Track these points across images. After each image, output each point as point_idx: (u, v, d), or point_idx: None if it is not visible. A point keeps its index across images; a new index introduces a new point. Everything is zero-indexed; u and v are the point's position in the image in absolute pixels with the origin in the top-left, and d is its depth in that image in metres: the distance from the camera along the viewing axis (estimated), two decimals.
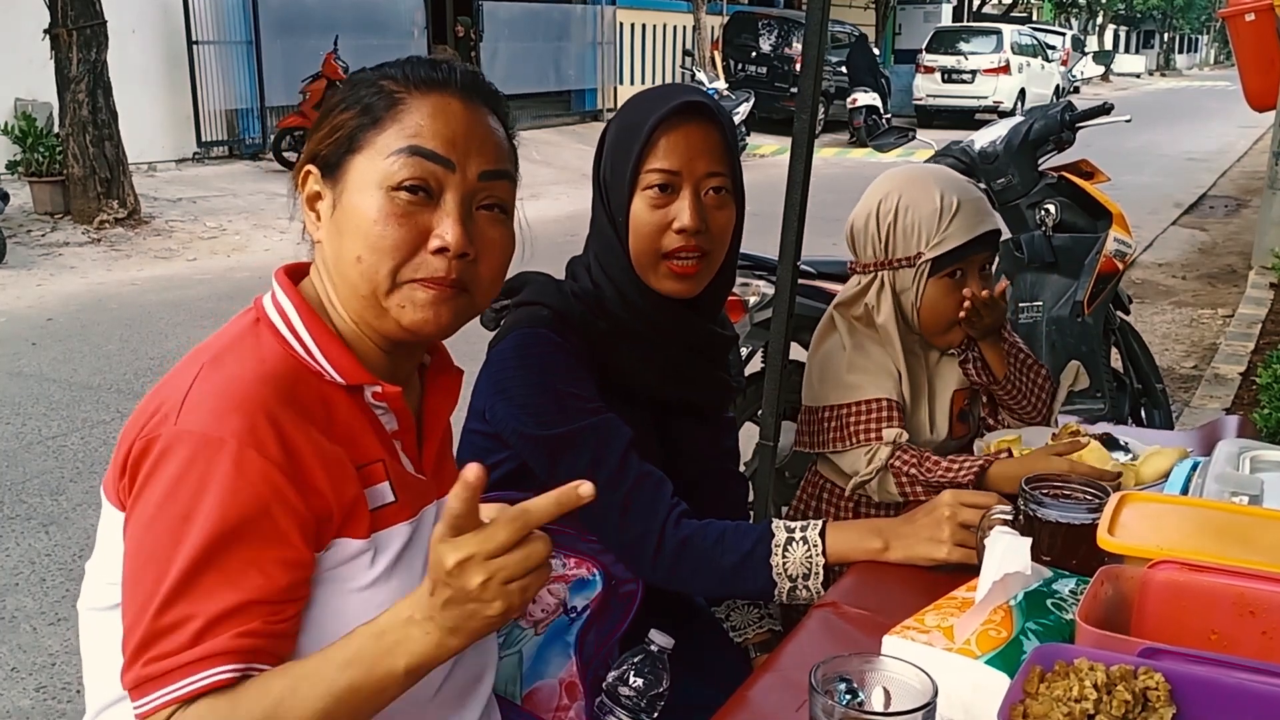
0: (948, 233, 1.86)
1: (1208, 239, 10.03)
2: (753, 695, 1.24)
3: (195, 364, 1.11)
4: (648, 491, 1.53)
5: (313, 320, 1.16)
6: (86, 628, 1.17)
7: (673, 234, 1.57)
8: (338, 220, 1.15)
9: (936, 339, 1.95)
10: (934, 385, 1.97)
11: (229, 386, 1.07)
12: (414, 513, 1.19)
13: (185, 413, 1.05)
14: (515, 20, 16.02)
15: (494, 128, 1.22)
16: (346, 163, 1.15)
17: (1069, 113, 3.99)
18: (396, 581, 1.14)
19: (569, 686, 1.45)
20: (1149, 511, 1.34)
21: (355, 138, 1.15)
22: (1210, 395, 5.15)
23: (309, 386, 1.12)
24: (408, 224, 1.13)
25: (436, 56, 1.21)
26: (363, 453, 1.14)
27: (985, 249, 1.92)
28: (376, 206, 1.12)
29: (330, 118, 1.18)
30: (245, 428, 1.04)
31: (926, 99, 21.73)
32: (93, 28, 8.46)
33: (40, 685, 2.95)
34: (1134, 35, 56.20)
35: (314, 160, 1.18)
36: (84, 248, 8.30)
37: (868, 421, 1.88)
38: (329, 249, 1.17)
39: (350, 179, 1.15)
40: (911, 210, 1.89)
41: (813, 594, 1.50)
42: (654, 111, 1.57)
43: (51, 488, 4.16)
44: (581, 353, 1.58)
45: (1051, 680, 0.97)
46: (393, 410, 1.19)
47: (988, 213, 1.93)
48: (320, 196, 1.18)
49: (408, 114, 1.15)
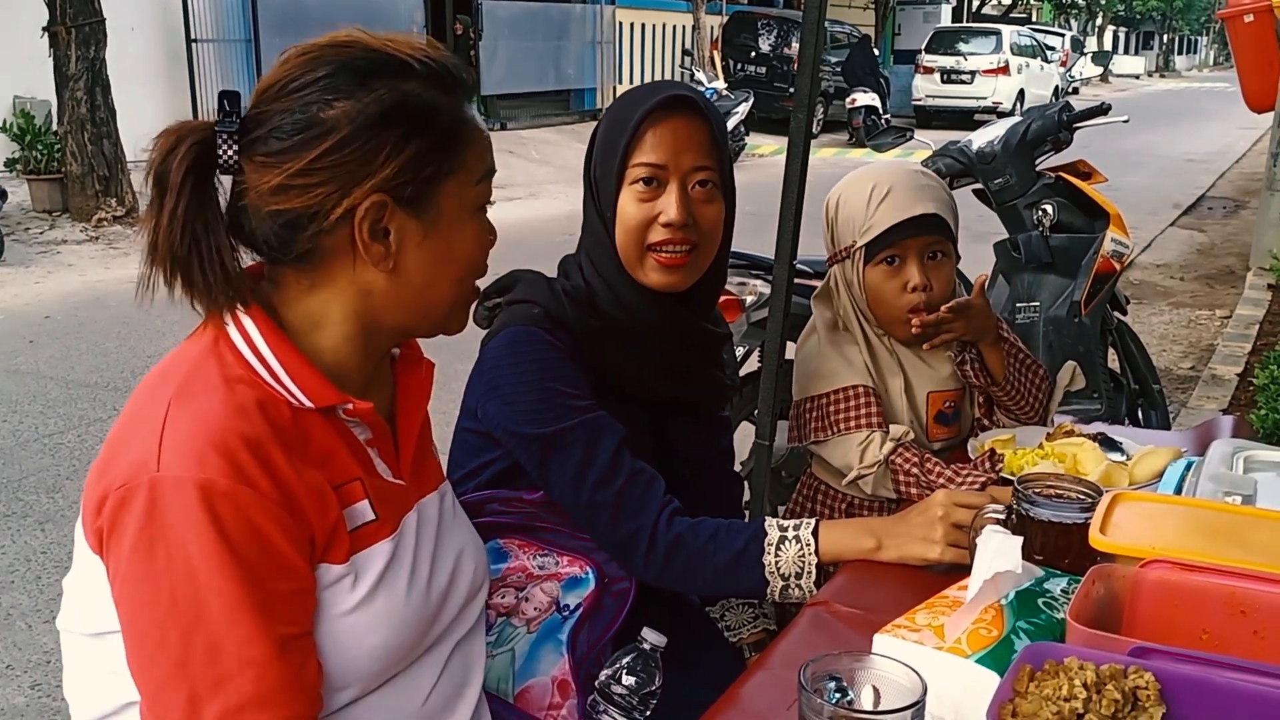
0: (875, 218, 1.88)
1: (1206, 240, 10.03)
2: (744, 693, 1.24)
3: (161, 399, 1.06)
4: (640, 489, 1.53)
5: (278, 340, 1.11)
6: (69, 648, 1.14)
7: (659, 228, 1.57)
8: (433, 249, 1.16)
9: (894, 331, 1.93)
10: (911, 379, 1.95)
11: (204, 423, 1.03)
12: (395, 527, 1.17)
13: (165, 456, 1.01)
14: (514, 19, 16.02)
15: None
16: (436, 191, 1.15)
17: (1067, 113, 3.99)
18: (380, 603, 1.12)
19: (561, 685, 1.45)
20: (1141, 511, 1.34)
21: (443, 166, 1.14)
22: (1207, 396, 5.15)
23: (279, 410, 1.08)
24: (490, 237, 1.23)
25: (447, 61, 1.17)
26: (339, 472, 1.12)
27: (921, 232, 1.87)
28: (478, 228, 1.20)
29: (403, 152, 1.11)
30: (231, 466, 1.01)
31: (925, 99, 21.73)
32: (91, 25, 8.45)
33: (35, 683, 2.95)
34: (1133, 36, 56.21)
35: (383, 193, 1.11)
36: (82, 245, 8.29)
37: (846, 409, 1.88)
38: (414, 277, 1.15)
39: (444, 208, 1.15)
40: (848, 201, 1.93)
41: (805, 593, 1.50)
42: (640, 106, 1.57)
43: (48, 485, 4.16)
44: (573, 351, 1.58)
45: (1041, 679, 0.97)
46: (365, 422, 1.17)
47: (925, 197, 1.88)
48: (386, 229, 1.12)
49: (475, 131, 1.17)
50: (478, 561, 1.32)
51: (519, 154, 13.93)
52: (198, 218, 1.08)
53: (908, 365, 1.95)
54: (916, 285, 1.87)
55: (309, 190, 1.08)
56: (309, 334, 1.15)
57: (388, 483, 1.18)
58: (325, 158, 1.07)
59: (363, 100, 1.08)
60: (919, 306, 1.87)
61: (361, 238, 1.11)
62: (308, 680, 1.04)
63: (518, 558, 1.56)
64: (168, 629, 1.00)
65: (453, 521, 1.31)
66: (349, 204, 1.09)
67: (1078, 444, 1.76)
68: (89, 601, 1.08)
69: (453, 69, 1.16)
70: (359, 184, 1.09)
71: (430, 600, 1.19)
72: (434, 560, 1.22)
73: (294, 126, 1.08)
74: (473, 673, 1.29)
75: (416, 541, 1.20)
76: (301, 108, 1.08)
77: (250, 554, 1.01)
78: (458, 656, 1.27)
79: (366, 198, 1.09)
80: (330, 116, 1.08)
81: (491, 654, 1.46)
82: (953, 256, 1.92)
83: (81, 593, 1.10)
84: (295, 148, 1.08)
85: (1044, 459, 1.74)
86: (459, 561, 1.27)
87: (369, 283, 1.14)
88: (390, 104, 1.09)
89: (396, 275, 1.14)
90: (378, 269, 1.13)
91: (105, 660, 1.08)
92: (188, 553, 0.99)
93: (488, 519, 1.57)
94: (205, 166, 1.09)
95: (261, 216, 1.10)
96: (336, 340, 1.16)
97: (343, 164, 1.08)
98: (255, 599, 1.00)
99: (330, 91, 1.08)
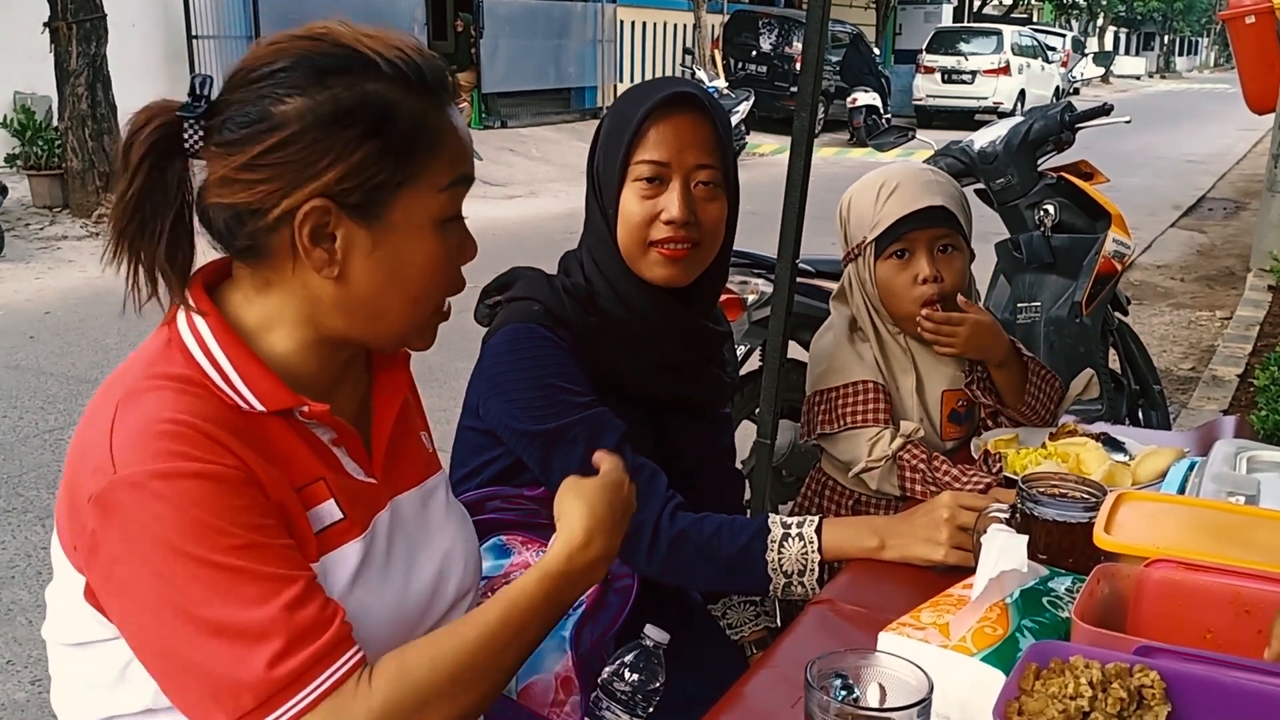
0: (882, 213, 1.90)
1: (1206, 241, 10.04)
2: (748, 691, 1.24)
3: (110, 402, 1.03)
4: (642, 484, 1.53)
5: (231, 343, 1.08)
6: (53, 658, 1.12)
7: (661, 225, 1.57)
8: (383, 261, 1.09)
9: (907, 326, 1.93)
10: (924, 378, 1.96)
11: (152, 416, 1.00)
12: (365, 527, 1.13)
13: (119, 456, 0.98)
14: (515, 17, 16.01)
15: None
16: (388, 200, 1.08)
17: (1069, 113, 3.99)
18: (352, 604, 1.07)
19: (564, 681, 1.45)
20: (1145, 510, 1.34)
21: (396, 174, 1.07)
22: (1208, 397, 5.16)
23: (230, 415, 1.04)
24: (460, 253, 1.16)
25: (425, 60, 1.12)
26: (301, 473, 1.08)
27: (929, 225, 1.88)
28: (437, 244, 1.12)
29: (351, 156, 1.05)
30: (185, 449, 0.98)
31: (926, 99, 21.75)
32: (92, 21, 8.45)
33: (35, 678, 2.95)
34: (1134, 37, 56.22)
35: (326, 197, 1.05)
36: (82, 241, 8.29)
37: (854, 404, 1.89)
38: (362, 289, 1.09)
39: (397, 219, 1.08)
40: (858, 200, 1.96)
41: (808, 590, 1.50)
42: (644, 103, 1.57)
43: (48, 481, 4.15)
44: (574, 347, 1.58)
45: (1047, 678, 0.97)
46: (327, 423, 1.12)
47: (932, 191, 1.89)
48: (332, 234, 1.07)
49: (445, 137, 1.11)
50: (467, 561, 1.27)
51: (519, 152, 13.93)
52: (148, 199, 1.06)
53: (921, 364, 1.96)
54: (926, 276, 1.87)
55: (251, 186, 1.04)
56: (263, 334, 1.11)
57: (357, 481, 1.14)
58: (269, 154, 1.03)
59: (316, 98, 1.04)
60: (931, 298, 1.88)
61: (302, 241, 1.05)
62: (334, 608, 1.02)
63: (520, 554, 1.56)
64: (178, 622, 0.97)
65: (443, 519, 1.27)
66: (288, 205, 1.04)
67: (1081, 444, 1.77)
68: (70, 614, 1.06)
69: (427, 70, 1.09)
70: (301, 185, 1.04)
71: (409, 601, 1.16)
72: (412, 560, 1.19)
73: (245, 118, 1.04)
74: None
75: (390, 540, 1.16)
76: (256, 99, 1.05)
77: (236, 519, 0.98)
78: None
79: (308, 200, 1.04)
80: (280, 112, 1.04)
81: None
82: (964, 251, 1.93)
83: (62, 605, 1.08)
84: (243, 140, 1.04)
85: (1047, 458, 1.74)
86: (447, 560, 1.23)
87: (316, 288, 1.09)
88: (346, 104, 1.04)
89: (344, 284, 1.08)
90: (322, 276, 1.08)
91: (85, 672, 1.07)
92: (173, 544, 0.96)
93: (489, 515, 1.57)
94: (168, 149, 1.06)
95: (211, 206, 1.08)
96: (291, 344, 1.11)
97: (286, 163, 1.03)
98: (254, 560, 0.98)
99: (285, 86, 1.04)
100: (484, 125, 15.04)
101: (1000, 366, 1.94)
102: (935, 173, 1.96)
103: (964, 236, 1.92)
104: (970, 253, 1.95)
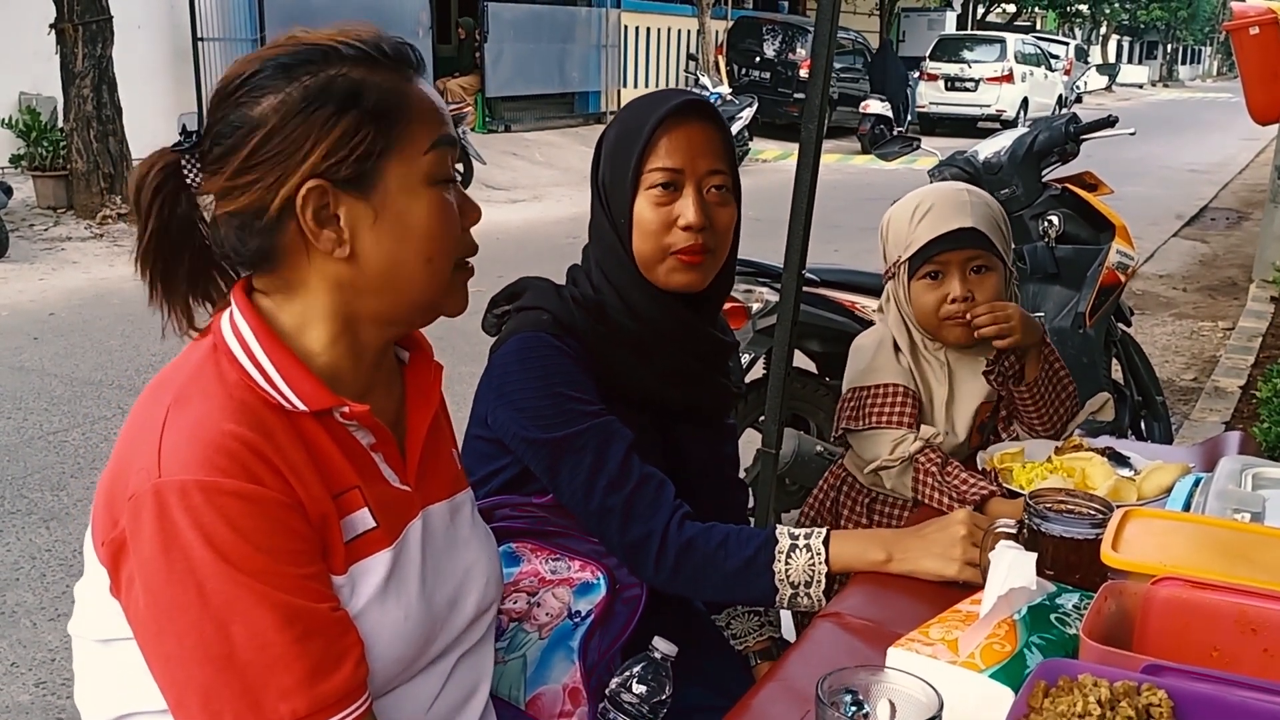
0: (916, 233, 1.94)
1: (1209, 251, 10.04)
2: (756, 704, 1.24)
3: (160, 406, 1.06)
4: (650, 493, 1.54)
5: (273, 344, 1.11)
6: (79, 653, 1.14)
7: (678, 231, 1.58)
8: (388, 229, 1.13)
9: (943, 336, 1.96)
10: (956, 391, 1.98)
11: (202, 425, 1.03)
12: (396, 535, 1.15)
13: (166, 461, 1.01)
14: (519, 22, 16.03)
15: None
16: (379, 170, 1.12)
17: (1074, 125, 4.01)
18: (379, 615, 1.10)
19: (572, 692, 1.46)
20: (1152, 528, 1.35)
21: (379, 143, 1.11)
22: (1210, 408, 5.16)
23: (275, 416, 1.08)
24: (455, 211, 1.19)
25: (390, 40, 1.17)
26: (337, 480, 1.11)
27: (961, 246, 1.91)
28: (434, 201, 1.15)
29: (330, 133, 1.09)
30: (232, 464, 1.01)
31: (929, 106, 21.77)
32: (98, 23, 8.47)
33: (40, 680, 2.96)
34: (1137, 46, 56.25)
35: (319, 177, 1.09)
36: (86, 243, 8.30)
37: (882, 405, 1.93)
38: (375, 261, 1.13)
39: (391, 185, 1.12)
40: (895, 221, 2.01)
41: (814, 602, 1.51)
42: (654, 112, 1.58)
43: (52, 483, 4.16)
44: (582, 356, 1.59)
45: (1056, 695, 0.98)
46: (366, 425, 1.15)
47: (965, 213, 1.92)
48: (335, 215, 1.11)
49: (416, 102, 1.14)
50: (489, 578, 1.29)
51: (523, 156, 13.95)
52: (164, 238, 1.12)
53: (956, 379, 1.99)
54: (956, 297, 1.91)
55: (249, 188, 1.09)
56: (299, 336, 1.14)
57: (392, 489, 1.17)
58: (257, 153, 1.08)
59: (286, 91, 1.08)
60: (959, 315, 1.91)
61: (308, 225, 1.09)
62: (352, 646, 1.05)
63: (530, 562, 1.57)
64: (202, 627, 0.99)
65: (468, 534, 1.29)
66: (286, 194, 1.08)
67: (1086, 458, 1.77)
68: (97, 608, 1.08)
69: (386, 46, 1.14)
70: (291, 173, 1.08)
71: (433, 613, 1.18)
72: (439, 572, 1.21)
73: (228, 129, 1.09)
74: (481, 681, 1.28)
75: (420, 551, 1.18)
76: (235, 109, 1.10)
77: (269, 542, 1.01)
78: (465, 666, 1.26)
79: (302, 184, 1.08)
80: (258, 112, 1.08)
81: (504, 660, 1.46)
82: (999, 270, 1.95)
83: (90, 599, 1.10)
84: (231, 149, 1.09)
85: (1053, 473, 1.75)
86: (467, 576, 1.25)
87: (334, 275, 1.13)
88: (313, 89, 1.09)
89: (357, 262, 1.12)
90: (334, 257, 1.11)
91: (111, 668, 1.09)
92: (202, 551, 0.99)
93: (500, 524, 1.58)
94: (174, 189, 1.12)
95: (220, 224, 1.13)
96: (324, 342, 1.14)
97: (274, 155, 1.08)
98: (276, 587, 1.00)
99: (257, 89, 1.09)
100: (488, 129, 15.06)
101: (1036, 356, 1.96)
102: (971, 193, 1.99)
103: (999, 255, 1.95)
104: (1009, 270, 1.98)
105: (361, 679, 1.05)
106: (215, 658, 0.99)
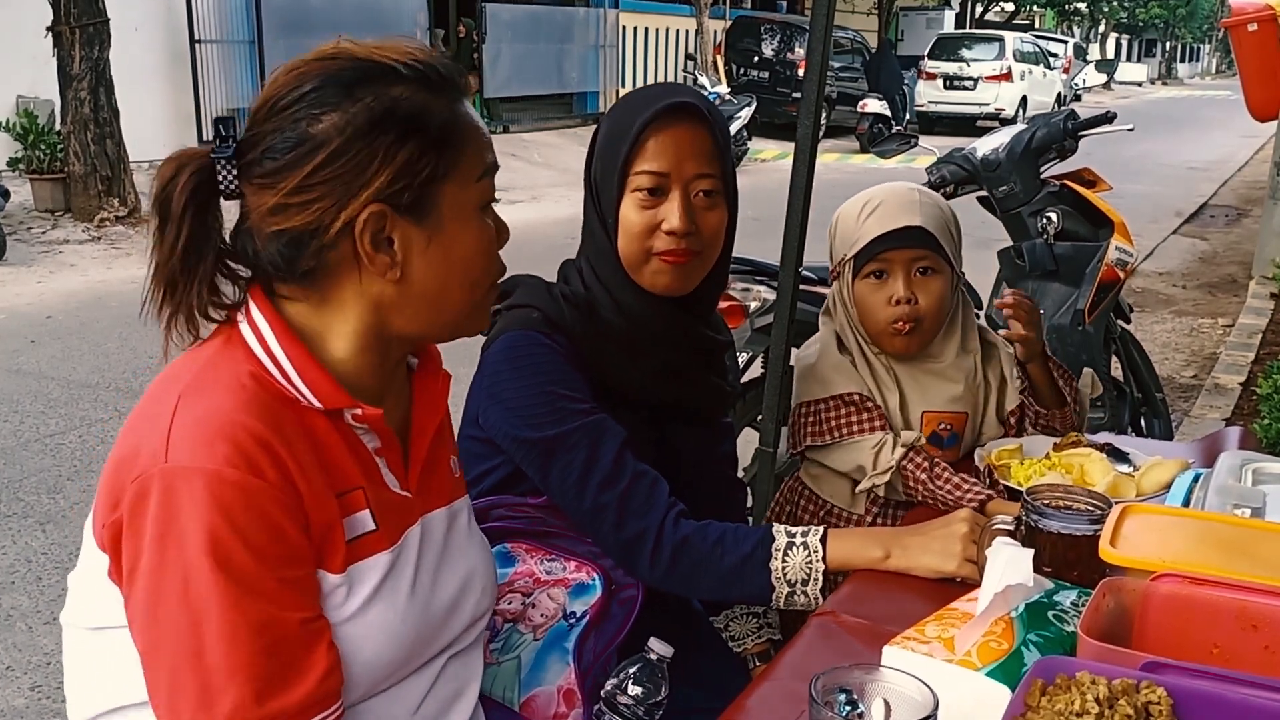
0: (862, 230, 1.89)
1: (1208, 248, 10.03)
2: (751, 704, 1.23)
3: (171, 394, 1.06)
4: (644, 491, 1.52)
5: (291, 342, 1.11)
6: (69, 642, 1.14)
7: (662, 235, 1.57)
8: (439, 254, 1.14)
9: (884, 345, 1.91)
10: (908, 396, 1.94)
11: (212, 415, 1.03)
12: (395, 539, 1.16)
13: (173, 448, 1.01)
14: (518, 22, 16.03)
15: None
16: (436, 195, 1.12)
17: (1072, 121, 3.98)
18: (374, 616, 1.11)
19: (567, 694, 1.44)
20: (1151, 524, 1.34)
21: (439, 168, 1.12)
22: (1210, 405, 5.15)
23: (287, 410, 1.08)
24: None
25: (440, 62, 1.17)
26: (342, 479, 1.11)
27: (907, 245, 1.86)
28: (482, 229, 1.17)
29: (395, 159, 1.09)
30: (238, 455, 1.01)
31: (928, 105, 21.77)
32: (95, 25, 8.46)
33: (35, 684, 2.94)
34: (1136, 44, 56.28)
35: (381, 202, 1.09)
36: (84, 245, 8.29)
37: (848, 414, 1.88)
38: (423, 284, 1.14)
39: (445, 211, 1.13)
40: (843, 218, 1.96)
41: (811, 600, 1.49)
42: (642, 112, 1.56)
43: (49, 486, 4.15)
44: (573, 355, 1.57)
45: (1053, 693, 0.97)
46: (374, 430, 1.15)
47: (913, 211, 1.87)
48: (390, 238, 1.11)
49: (471, 128, 1.15)
50: (486, 586, 1.30)
51: (521, 157, 13.93)
52: (194, 247, 1.10)
53: (905, 383, 1.94)
54: (900, 298, 1.85)
55: (307, 207, 1.07)
56: (320, 342, 1.14)
57: (393, 494, 1.17)
58: (319, 172, 1.07)
59: (350, 110, 1.07)
60: (902, 320, 1.86)
61: (365, 249, 1.09)
62: (318, 660, 1.04)
63: (525, 562, 1.55)
64: (179, 619, 1.00)
65: (465, 542, 1.29)
66: (347, 216, 1.08)
67: (1085, 454, 1.76)
68: (91, 596, 1.08)
69: (442, 69, 1.14)
70: (355, 195, 1.07)
71: (429, 618, 1.18)
72: (436, 578, 1.21)
73: (285, 144, 1.08)
74: (470, 682, 1.28)
75: (418, 556, 1.19)
76: (291, 125, 1.08)
77: (259, 542, 1.01)
78: (454, 666, 1.26)
79: (365, 208, 1.08)
80: (320, 130, 1.07)
81: (498, 661, 1.45)
82: (946, 273, 1.88)
83: (85, 587, 1.10)
84: (288, 165, 1.07)
85: (1051, 469, 1.73)
86: (465, 584, 1.25)
87: (378, 294, 1.13)
88: (379, 111, 1.08)
89: (405, 284, 1.13)
90: (385, 279, 1.12)
91: (102, 657, 1.08)
92: (195, 543, 0.99)
93: (495, 524, 1.57)
94: (206, 194, 1.10)
95: (265, 238, 1.11)
96: (349, 351, 1.15)
97: (337, 176, 1.07)
98: (254, 593, 1.00)
99: (317, 106, 1.08)
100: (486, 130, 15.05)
101: (1041, 367, 1.94)
102: (923, 193, 1.93)
103: (946, 258, 1.88)
104: (955, 275, 1.91)
105: (330, 690, 1.05)
106: (187, 651, 0.99)
